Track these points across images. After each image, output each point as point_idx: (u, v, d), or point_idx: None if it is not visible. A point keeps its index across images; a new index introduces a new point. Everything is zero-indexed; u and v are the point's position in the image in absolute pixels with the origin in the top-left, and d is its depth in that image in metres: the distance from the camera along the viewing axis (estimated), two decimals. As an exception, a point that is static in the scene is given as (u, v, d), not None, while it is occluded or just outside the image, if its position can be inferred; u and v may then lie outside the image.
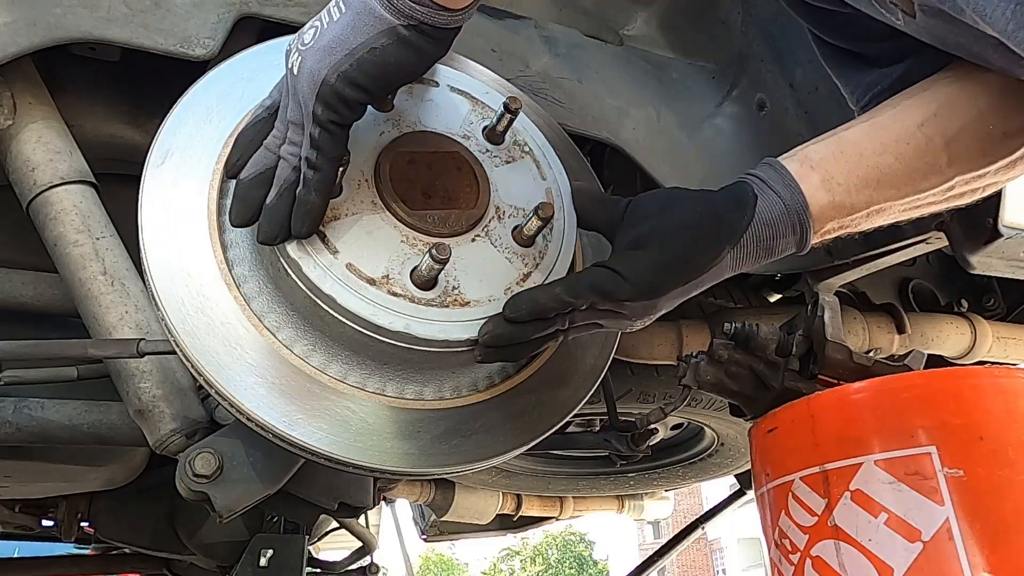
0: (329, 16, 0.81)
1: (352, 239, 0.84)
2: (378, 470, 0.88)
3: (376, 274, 0.84)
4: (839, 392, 0.98)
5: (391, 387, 0.90)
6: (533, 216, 0.89)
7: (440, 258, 0.81)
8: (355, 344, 0.86)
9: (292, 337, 0.87)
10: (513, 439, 0.94)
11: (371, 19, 0.79)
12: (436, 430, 0.90)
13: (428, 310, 0.84)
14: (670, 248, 0.84)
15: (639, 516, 2.83)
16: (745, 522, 15.52)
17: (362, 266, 0.84)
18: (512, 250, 0.91)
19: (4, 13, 0.96)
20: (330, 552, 3.06)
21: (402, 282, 0.85)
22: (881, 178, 0.88)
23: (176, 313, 0.84)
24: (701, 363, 1.13)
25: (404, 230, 0.87)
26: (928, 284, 1.96)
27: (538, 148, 0.99)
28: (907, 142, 0.89)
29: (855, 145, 0.90)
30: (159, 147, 0.90)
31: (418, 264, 0.84)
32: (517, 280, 0.89)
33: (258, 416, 0.83)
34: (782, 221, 0.86)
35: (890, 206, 0.90)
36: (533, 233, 0.90)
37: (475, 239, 0.89)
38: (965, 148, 0.89)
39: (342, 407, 0.87)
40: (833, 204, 0.88)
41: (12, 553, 3.57)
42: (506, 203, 0.93)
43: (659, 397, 1.80)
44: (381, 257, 0.85)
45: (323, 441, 0.85)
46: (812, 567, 0.91)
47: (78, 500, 2.12)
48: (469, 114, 0.98)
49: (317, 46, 0.79)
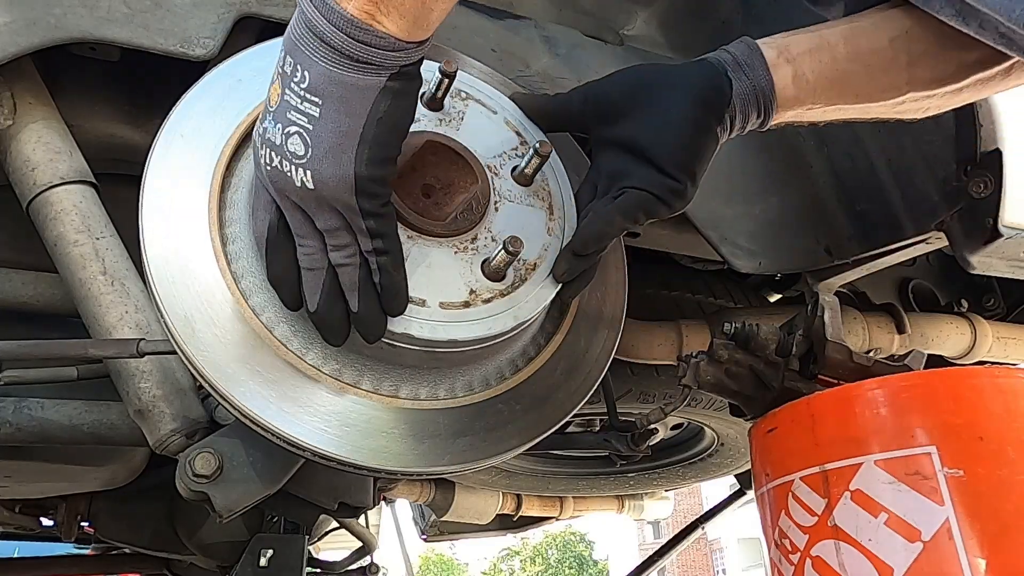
0: (306, 116, 0.73)
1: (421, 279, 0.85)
2: (378, 470, 0.88)
3: (464, 296, 0.86)
4: (839, 392, 0.98)
5: (402, 389, 0.90)
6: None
7: (512, 250, 0.84)
8: (380, 353, 0.87)
9: (302, 348, 0.87)
10: (513, 439, 0.94)
11: (357, 93, 0.73)
12: (436, 430, 0.90)
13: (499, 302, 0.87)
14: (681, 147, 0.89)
15: (639, 516, 2.83)
16: (745, 522, 15.52)
17: (449, 297, 0.86)
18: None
19: (4, 13, 0.96)
20: (330, 552, 3.06)
21: (486, 286, 0.88)
22: (845, 83, 0.93)
23: (176, 313, 0.84)
24: (701, 363, 1.13)
25: (449, 243, 0.88)
26: (928, 284, 1.96)
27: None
28: (877, 54, 0.93)
29: (832, 47, 0.93)
30: (161, 144, 0.90)
31: (488, 257, 0.87)
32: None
33: (258, 417, 0.83)
34: (749, 101, 0.91)
35: (846, 108, 0.96)
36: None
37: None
38: (923, 69, 0.94)
39: (342, 407, 0.87)
40: (797, 98, 0.93)
41: (12, 553, 3.57)
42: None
43: (659, 397, 1.81)
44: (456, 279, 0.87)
45: (323, 441, 0.85)
46: (812, 567, 0.92)
47: (78, 500, 2.12)
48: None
49: (321, 151, 0.74)
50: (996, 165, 1.23)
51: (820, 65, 0.92)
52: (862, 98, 0.95)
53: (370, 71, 0.72)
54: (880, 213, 1.40)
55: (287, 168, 0.75)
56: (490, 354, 0.94)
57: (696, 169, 0.90)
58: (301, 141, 0.74)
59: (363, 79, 0.73)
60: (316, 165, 0.74)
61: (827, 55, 0.92)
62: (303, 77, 0.73)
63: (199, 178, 0.90)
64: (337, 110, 0.73)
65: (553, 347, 0.99)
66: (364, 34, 0.70)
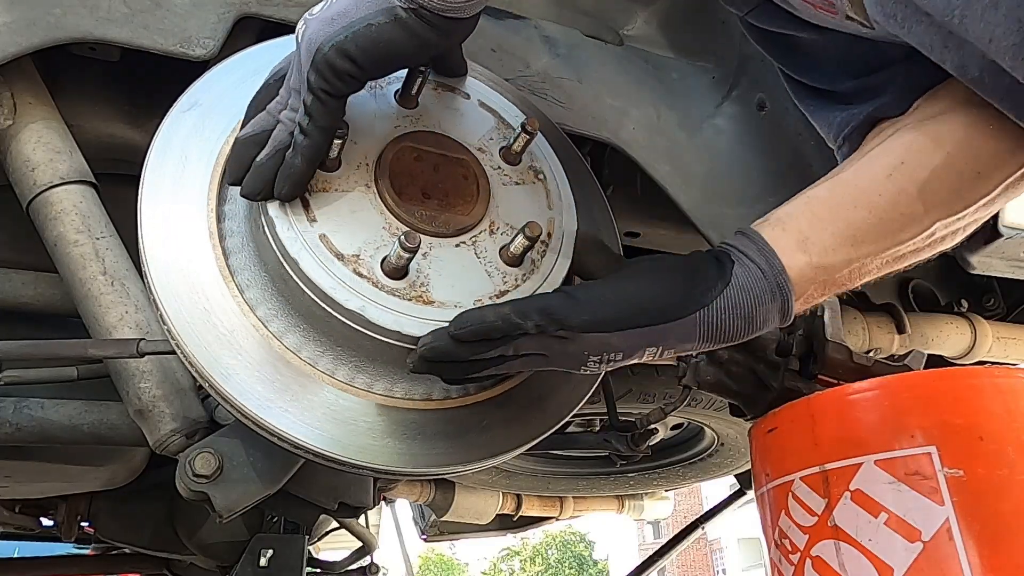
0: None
1: (333, 213, 0.85)
2: (378, 470, 0.87)
3: (347, 251, 0.84)
4: (839, 392, 0.98)
5: (397, 388, 0.90)
6: (520, 235, 0.87)
7: (408, 246, 0.80)
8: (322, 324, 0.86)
9: (299, 343, 0.87)
10: (513, 439, 0.94)
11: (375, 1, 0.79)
12: (436, 430, 0.90)
13: (389, 298, 0.83)
14: (634, 285, 0.81)
15: (639, 516, 2.84)
16: (745, 522, 15.52)
17: (335, 240, 0.84)
18: (495, 265, 0.89)
19: (4, 13, 0.96)
20: (330, 552, 3.06)
21: (370, 265, 0.84)
22: (857, 233, 0.86)
23: (176, 313, 0.84)
24: (701, 363, 1.13)
25: (388, 217, 0.87)
26: (928, 284, 1.95)
27: (553, 177, 0.99)
28: (878, 194, 0.86)
29: (825, 202, 0.88)
30: (159, 144, 0.90)
31: (388, 252, 0.84)
32: (491, 295, 0.87)
33: (258, 417, 0.83)
34: (759, 287, 0.82)
35: (871, 261, 0.88)
36: (520, 253, 0.88)
37: (459, 245, 0.89)
38: (940, 193, 0.87)
39: (343, 408, 0.87)
40: (811, 265, 0.84)
41: (12, 553, 3.57)
42: (503, 221, 0.93)
43: (659, 397, 1.81)
44: (357, 237, 0.85)
45: (323, 441, 0.85)
46: (812, 567, 0.92)
47: (78, 500, 2.12)
48: (492, 131, 0.98)
49: (322, 16, 0.81)
50: (996, 165, 1.23)
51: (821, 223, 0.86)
52: (883, 244, 0.87)
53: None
54: (880, 213, 1.40)
55: (301, 22, 0.82)
56: None
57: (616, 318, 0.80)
58: (322, 6, 0.82)
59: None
60: (311, 24, 0.81)
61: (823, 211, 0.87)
62: None
63: (198, 177, 0.90)
64: None
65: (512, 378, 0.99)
66: None
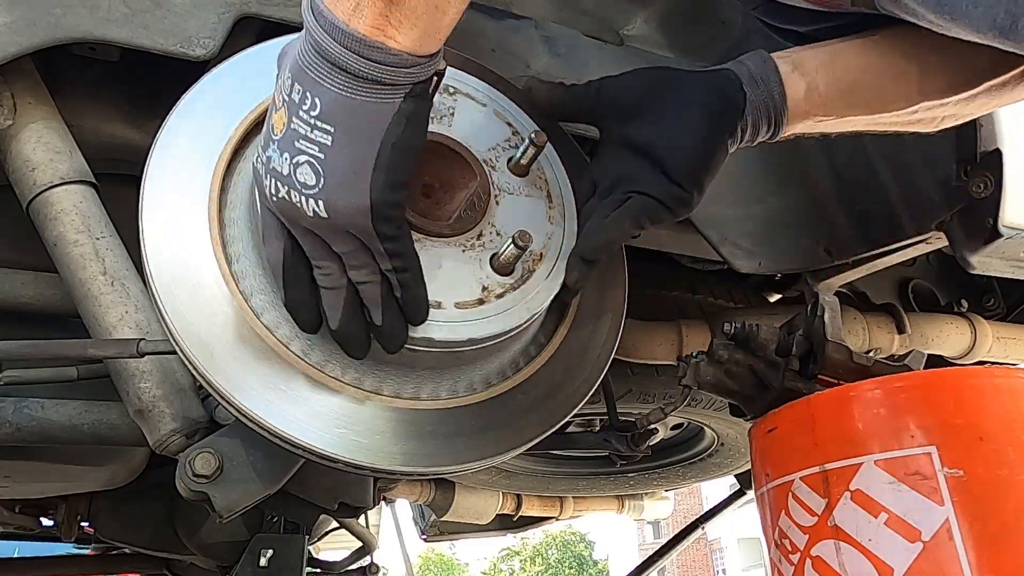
0: (317, 144, 0.72)
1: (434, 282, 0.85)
2: (378, 470, 0.87)
3: (478, 294, 0.86)
4: (839, 392, 0.98)
5: (396, 388, 0.90)
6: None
7: (522, 244, 0.84)
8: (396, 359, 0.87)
9: (305, 348, 0.87)
10: (513, 439, 0.94)
11: (372, 119, 0.72)
12: (436, 430, 0.90)
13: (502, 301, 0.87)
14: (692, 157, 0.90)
15: (639, 516, 2.83)
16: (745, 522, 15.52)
17: (463, 296, 0.86)
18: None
19: (4, 13, 0.96)
20: (330, 552, 3.06)
21: (497, 281, 0.88)
22: (857, 93, 0.95)
23: (176, 313, 0.84)
24: (701, 363, 1.13)
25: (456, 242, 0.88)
26: (928, 284, 1.96)
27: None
28: (889, 66, 0.94)
29: (845, 60, 0.94)
30: (161, 144, 0.90)
31: (496, 252, 0.87)
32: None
33: (258, 416, 0.83)
34: (762, 115, 0.92)
35: (856, 120, 0.97)
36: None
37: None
38: (935, 79, 0.95)
39: (343, 407, 0.87)
40: (809, 111, 0.94)
41: (12, 553, 3.57)
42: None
43: (659, 397, 1.80)
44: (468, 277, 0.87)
45: (323, 441, 0.85)
46: (812, 567, 0.92)
47: (78, 500, 2.12)
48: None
49: (334, 182, 0.72)
50: (996, 165, 1.23)
51: (833, 76, 0.93)
52: (874, 109, 0.96)
53: (383, 92, 0.71)
54: (880, 213, 1.40)
55: (297, 199, 0.73)
56: (499, 350, 0.94)
57: (705, 179, 0.91)
58: (312, 171, 0.72)
59: (377, 103, 0.71)
60: (330, 195, 0.72)
61: (840, 67, 0.94)
62: (313, 104, 0.71)
63: (199, 178, 0.90)
64: (351, 138, 0.71)
65: (553, 347, 0.99)
66: (376, 52, 0.69)
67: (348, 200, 0.72)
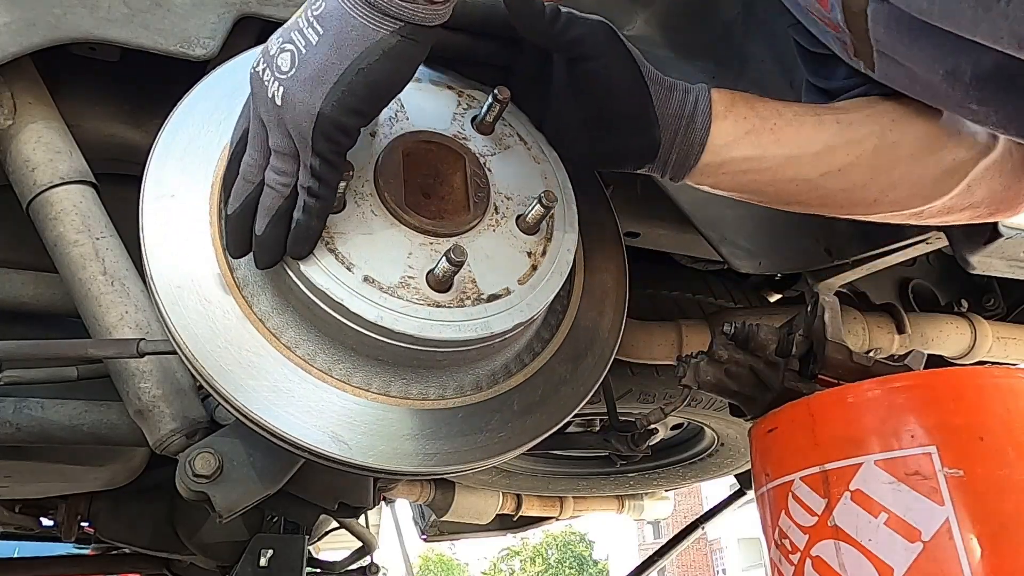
0: (305, 39, 0.76)
1: (364, 252, 0.84)
2: (378, 470, 0.87)
3: (393, 282, 0.84)
4: (839, 392, 0.98)
5: (396, 387, 0.90)
6: (536, 203, 0.90)
7: (457, 260, 0.82)
8: (365, 348, 0.87)
9: (311, 353, 0.87)
10: (514, 439, 0.94)
11: (353, 36, 0.74)
12: (436, 430, 0.90)
13: (446, 311, 0.85)
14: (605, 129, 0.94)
15: (639, 516, 2.83)
16: (745, 522, 15.51)
17: (380, 277, 0.84)
18: (519, 239, 0.92)
19: (4, 13, 0.96)
20: (330, 552, 3.06)
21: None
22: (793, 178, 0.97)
23: (176, 313, 0.84)
24: (701, 363, 1.13)
25: (411, 234, 0.87)
26: (928, 284, 1.96)
27: (524, 129, 1.00)
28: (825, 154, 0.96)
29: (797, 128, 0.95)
30: (161, 146, 0.90)
31: (433, 268, 0.85)
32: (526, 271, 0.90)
33: (259, 417, 0.83)
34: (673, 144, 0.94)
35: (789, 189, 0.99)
36: (537, 220, 0.91)
37: (481, 233, 0.90)
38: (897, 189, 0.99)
39: (343, 407, 0.87)
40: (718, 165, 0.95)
41: (12, 553, 3.57)
42: (503, 194, 0.94)
43: (659, 397, 1.81)
44: (397, 265, 0.85)
45: (323, 441, 0.85)
46: (812, 567, 0.92)
47: (78, 500, 2.12)
48: (457, 108, 0.98)
49: (302, 76, 0.76)
50: (996, 165, 1.23)
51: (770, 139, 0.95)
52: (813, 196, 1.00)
53: (377, 19, 0.74)
54: (880, 213, 1.40)
55: (267, 78, 0.78)
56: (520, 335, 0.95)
57: None
58: (290, 59, 0.76)
59: (365, 26, 0.74)
60: (291, 85, 0.76)
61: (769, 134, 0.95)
62: (320, 5, 0.76)
63: (200, 178, 0.90)
64: (332, 48, 0.75)
65: (554, 347, 0.99)
66: None
67: (302, 98, 0.75)
